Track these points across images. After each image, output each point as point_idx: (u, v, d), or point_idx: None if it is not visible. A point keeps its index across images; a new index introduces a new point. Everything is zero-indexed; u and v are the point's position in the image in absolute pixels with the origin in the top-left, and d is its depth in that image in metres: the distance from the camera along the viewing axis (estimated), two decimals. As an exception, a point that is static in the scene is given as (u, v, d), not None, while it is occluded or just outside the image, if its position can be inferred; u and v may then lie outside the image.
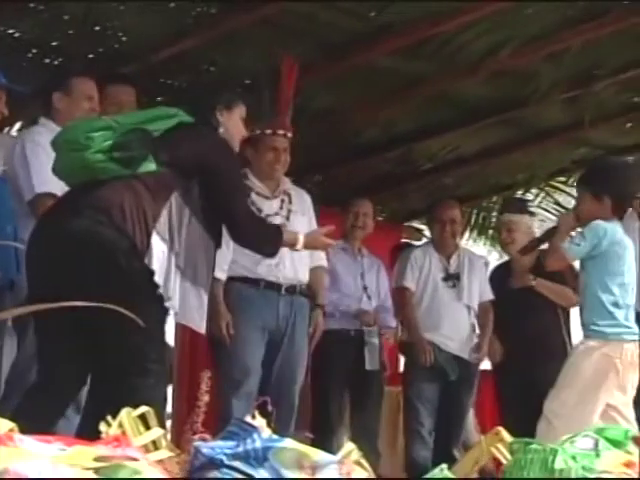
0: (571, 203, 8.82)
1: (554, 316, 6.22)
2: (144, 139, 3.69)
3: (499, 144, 7.83)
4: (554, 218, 8.96)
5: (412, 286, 6.28)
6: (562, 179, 8.67)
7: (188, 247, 3.82)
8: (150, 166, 3.68)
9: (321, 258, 5.51)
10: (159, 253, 3.71)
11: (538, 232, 6.61)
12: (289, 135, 5.37)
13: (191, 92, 5.54)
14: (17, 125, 6.37)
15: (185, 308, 3.89)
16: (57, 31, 5.88)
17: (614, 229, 4.79)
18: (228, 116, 4.11)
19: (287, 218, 5.26)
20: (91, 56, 6.04)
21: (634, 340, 4.72)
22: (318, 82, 6.51)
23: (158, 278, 3.70)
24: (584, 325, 4.97)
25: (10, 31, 5.90)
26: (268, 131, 5.31)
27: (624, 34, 6.17)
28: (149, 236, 3.65)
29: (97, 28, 5.84)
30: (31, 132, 4.46)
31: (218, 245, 3.97)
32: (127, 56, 5.92)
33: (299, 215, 5.34)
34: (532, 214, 7.13)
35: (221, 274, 5.01)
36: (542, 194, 8.85)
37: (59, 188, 4.19)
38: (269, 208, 5.26)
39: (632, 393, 4.76)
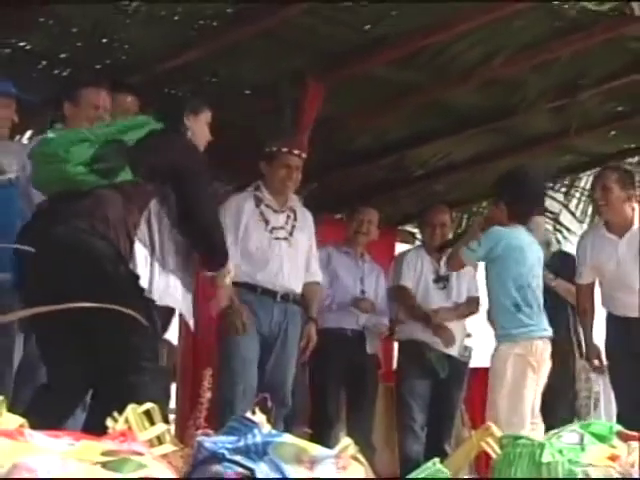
0: (556, 208, 8.87)
1: (566, 316, 6.18)
2: (120, 150, 3.72)
3: (489, 151, 7.84)
4: (541, 222, 9.00)
5: (410, 285, 6.30)
6: (549, 185, 8.67)
7: (168, 251, 3.85)
8: (127, 175, 3.71)
9: (317, 274, 5.57)
10: (142, 259, 3.73)
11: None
12: (303, 155, 5.40)
13: (160, 99, 5.53)
14: (28, 133, 6.37)
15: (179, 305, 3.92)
16: (66, 43, 5.89)
17: (510, 234, 4.85)
18: (194, 121, 4.12)
19: (290, 233, 5.34)
20: (98, 67, 6.03)
21: (541, 337, 4.79)
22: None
23: (143, 282, 3.72)
24: (494, 330, 5.04)
25: (21, 43, 5.90)
26: (284, 149, 5.36)
27: (609, 45, 6.17)
28: (131, 243, 3.69)
29: (104, 40, 5.84)
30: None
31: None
32: (133, 67, 5.92)
33: (300, 232, 5.41)
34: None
35: None
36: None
37: None
38: (276, 221, 5.33)
39: (541, 386, 4.86)
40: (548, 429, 4.13)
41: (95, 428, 2.40)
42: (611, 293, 5.83)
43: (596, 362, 5.94)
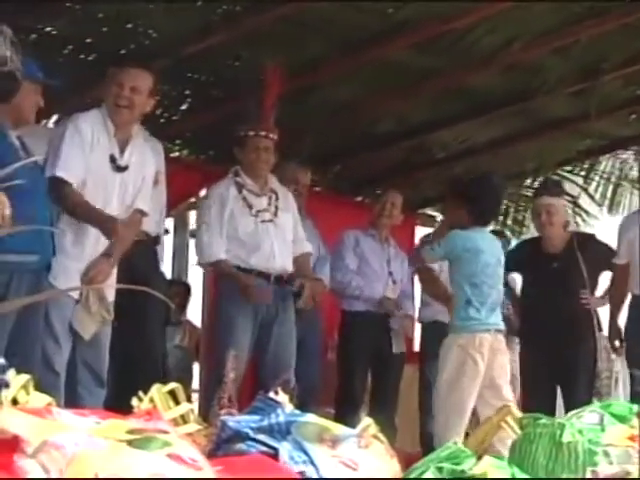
0: (576, 191, 8.83)
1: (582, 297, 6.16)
2: None
3: (509, 135, 7.81)
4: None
5: (435, 266, 6.30)
6: (568, 168, 8.64)
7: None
8: None
9: (306, 245, 5.61)
10: None
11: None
12: (271, 136, 5.41)
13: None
14: (53, 118, 6.39)
15: None
16: (91, 28, 5.89)
17: (468, 237, 5.03)
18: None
19: (275, 214, 5.39)
20: (123, 52, 6.04)
21: (487, 330, 4.92)
22: (337, 77, 6.51)
23: None
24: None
25: (47, 29, 5.92)
26: (252, 132, 5.39)
27: (628, 29, 6.14)
28: None
29: (128, 26, 5.85)
30: (80, 115, 4.35)
31: None
32: (156, 52, 5.92)
33: (284, 212, 5.45)
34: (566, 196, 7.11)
35: (224, 255, 5.23)
36: (549, 182, 8.83)
37: (79, 180, 4.20)
38: (259, 204, 5.37)
39: (505, 376, 4.96)
40: (568, 409, 4.13)
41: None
42: (638, 268, 5.89)
43: (617, 343, 6.01)
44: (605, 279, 6.25)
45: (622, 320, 6.08)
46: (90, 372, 4.29)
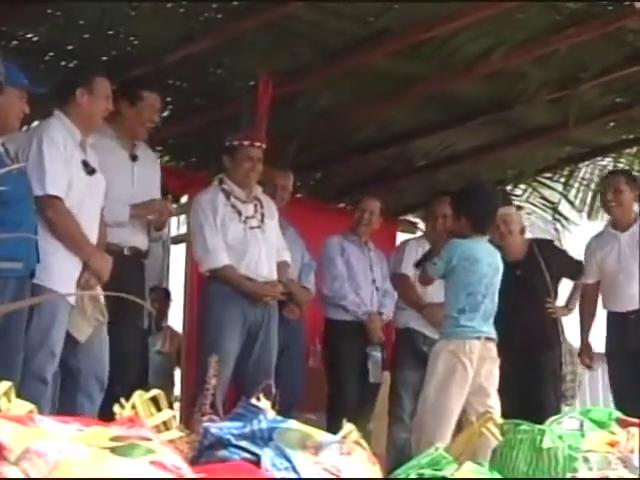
0: (556, 197, 8.87)
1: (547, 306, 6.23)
2: None
3: (490, 142, 7.83)
4: (540, 212, 9.00)
5: (410, 273, 6.31)
6: (548, 175, 8.68)
7: None
8: None
9: (285, 254, 5.69)
10: None
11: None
12: (263, 146, 5.48)
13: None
14: (33, 124, 6.36)
15: None
16: (72, 35, 5.87)
17: (465, 246, 5.05)
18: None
19: (262, 221, 5.47)
20: (104, 59, 6.02)
21: (478, 338, 4.93)
22: (319, 84, 6.52)
23: None
24: None
25: (28, 35, 5.89)
26: (246, 142, 5.44)
27: (607, 39, 6.17)
28: None
29: (110, 32, 5.83)
30: (48, 127, 4.40)
31: None
32: (138, 59, 5.91)
33: (269, 219, 5.54)
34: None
35: (228, 260, 5.31)
36: (530, 189, 8.87)
37: (66, 192, 4.23)
38: (246, 211, 5.45)
39: (493, 383, 4.98)
40: (535, 413, 4.17)
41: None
42: (612, 286, 6.13)
43: (587, 361, 6.30)
44: (565, 287, 6.37)
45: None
46: (95, 379, 4.32)
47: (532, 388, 5.96)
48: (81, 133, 4.46)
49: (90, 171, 4.43)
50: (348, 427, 2.55)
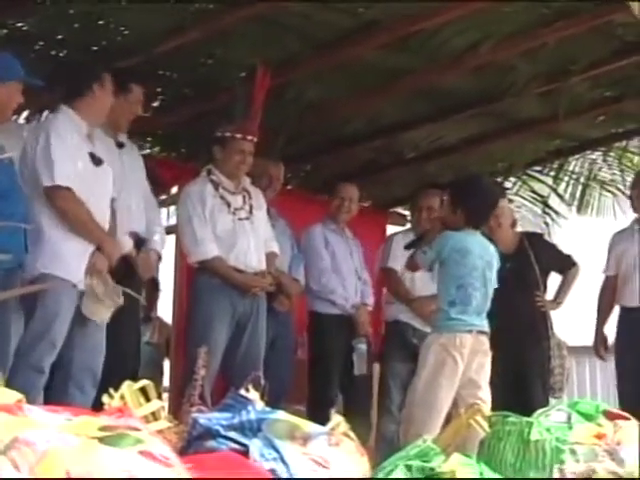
0: (546, 191, 8.88)
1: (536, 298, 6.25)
2: None
3: (479, 135, 7.83)
4: (530, 205, 9.01)
5: (397, 267, 6.31)
6: (538, 168, 8.69)
7: None
8: None
9: (273, 245, 5.69)
10: None
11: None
12: (255, 140, 5.50)
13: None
14: (24, 114, 6.35)
15: None
16: (63, 25, 5.85)
17: (458, 238, 5.03)
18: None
19: (250, 212, 5.49)
20: (95, 48, 6.00)
21: (469, 331, 4.93)
22: (308, 76, 6.51)
23: None
24: None
25: (18, 24, 5.87)
26: (238, 135, 5.45)
27: (596, 32, 6.17)
28: None
29: (101, 22, 5.82)
30: (55, 121, 4.47)
31: None
32: (129, 49, 5.89)
33: (258, 210, 5.56)
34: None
35: (218, 252, 5.33)
36: (519, 182, 8.88)
37: (76, 184, 4.27)
38: (235, 202, 5.47)
39: (484, 376, 4.99)
40: (523, 405, 4.19)
41: None
42: (626, 281, 6.25)
43: (602, 352, 6.44)
44: (554, 281, 6.41)
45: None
46: (87, 372, 4.32)
47: (521, 381, 5.98)
48: (88, 126, 4.52)
49: (97, 162, 4.50)
50: (336, 419, 2.56)
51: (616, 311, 6.37)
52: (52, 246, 4.18)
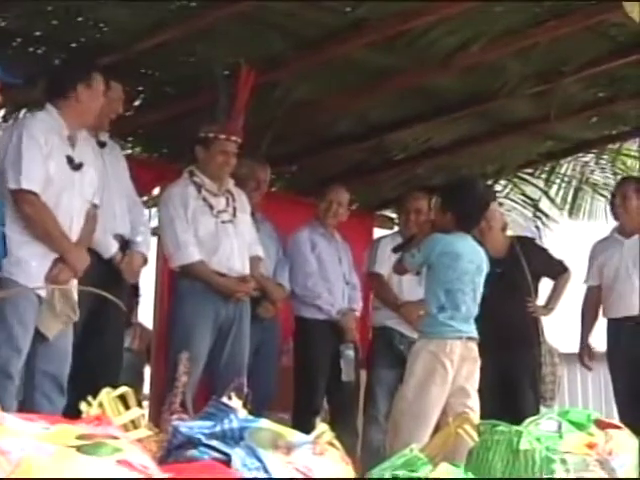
0: (537, 194, 8.91)
1: (527, 304, 6.28)
2: None
3: (470, 136, 7.84)
4: (520, 208, 9.04)
5: (384, 272, 6.32)
6: (529, 171, 8.71)
7: None
8: None
9: (257, 249, 5.70)
10: None
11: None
12: (239, 141, 5.49)
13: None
14: (1, 112, 6.34)
15: None
16: (41, 21, 5.84)
17: (447, 241, 5.04)
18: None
19: (234, 215, 5.49)
20: (73, 45, 5.99)
21: (459, 337, 4.94)
22: (294, 75, 6.51)
23: None
24: None
25: (-5, 21, 5.86)
26: (222, 136, 5.45)
27: (589, 32, 6.20)
28: None
29: (79, 19, 5.80)
30: (31, 121, 4.44)
31: None
32: (108, 46, 5.89)
33: (242, 212, 5.57)
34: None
35: (199, 256, 5.32)
36: (510, 185, 8.90)
37: (42, 188, 4.25)
38: (218, 204, 5.48)
39: (473, 384, 5.01)
40: (513, 414, 4.20)
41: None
42: (610, 292, 6.33)
43: (587, 362, 6.54)
44: (545, 287, 6.44)
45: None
46: (51, 380, 4.28)
47: (510, 388, 6.00)
48: (70, 128, 4.46)
49: (76, 166, 4.42)
50: (321, 427, 2.56)
51: (604, 322, 6.43)
52: (15, 250, 4.13)
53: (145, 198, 7.24)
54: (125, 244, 5.05)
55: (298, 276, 6.27)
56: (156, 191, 7.06)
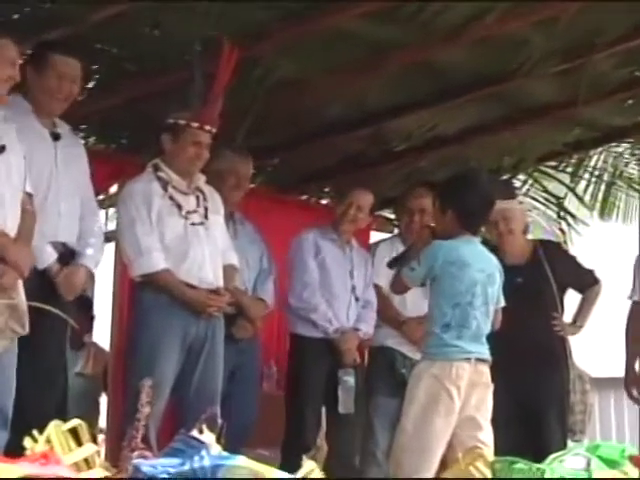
0: (562, 191, 8.92)
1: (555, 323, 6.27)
2: None
3: (483, 123, 7.87)
4: (543, 208, 9.05)
5: (383, 284, 6.32)
6: (553, 164, 8.73)
7: None
8: None
9: (232, 256, 5.70)
10: None
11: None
12: (214, 131, 5.51)
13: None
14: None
15: None
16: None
17: (451, 247, 5.04)
18: None
19: (205, 216, 5.50)
20: (16, 16, 6.00)
21: (467, 359, 4.94)
22: (278, 50, 6.51)
23: None
24: None
25: None
26: (195, 124, 5.46)
27: (625, -1, 6.22)
28: None
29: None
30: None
31: None
32: (56, 18, 5.88)
33: (215, 214, 5.58)
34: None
35: (165, 264, 5.32)
36: (530, 181, 8.91)
37: None
38: (187, 204, 5.48)
39: (485, 412, 4.98)
40: (535, 449, 4.21)
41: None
42: None
43: (634, 392, 6.19)
44: (573, 300, 6.41)
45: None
46: None
47: (533, 420, 5.99)
48: None
49: None
50: (309, 465, 2.57)
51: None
52: None
53: (101, 197, 7.25)
54: (70, 254, 5.01)
55: (295, 285, 6.26)
56: (114, 189, 7.06)
